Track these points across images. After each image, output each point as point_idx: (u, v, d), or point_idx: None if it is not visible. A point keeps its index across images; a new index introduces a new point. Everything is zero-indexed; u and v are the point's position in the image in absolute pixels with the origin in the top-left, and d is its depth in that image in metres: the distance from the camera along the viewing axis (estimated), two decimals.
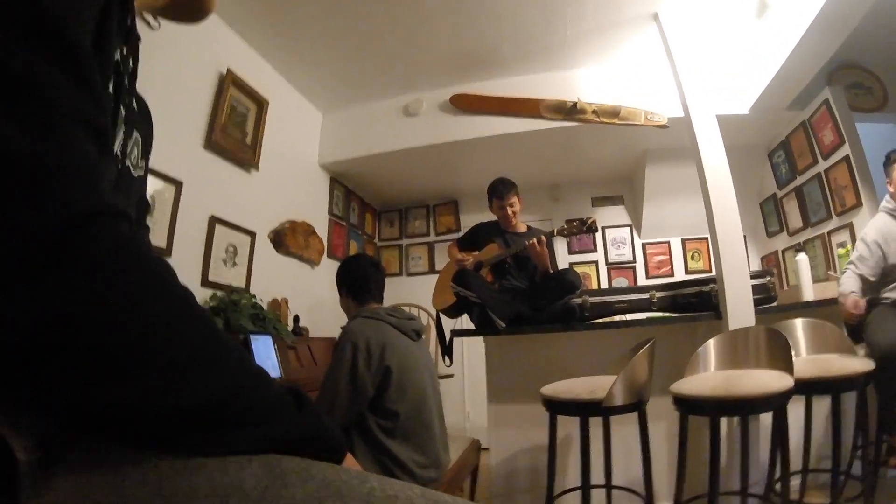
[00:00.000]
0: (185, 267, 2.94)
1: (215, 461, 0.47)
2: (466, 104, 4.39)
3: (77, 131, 0.41)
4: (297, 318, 3.74)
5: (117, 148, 0.64)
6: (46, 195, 0.37)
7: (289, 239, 3.99)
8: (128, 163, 0.72)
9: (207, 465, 0.46)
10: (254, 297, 3.27)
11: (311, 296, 4.28)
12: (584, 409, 2.02)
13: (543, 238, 2.91)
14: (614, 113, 4.08)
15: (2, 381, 0.38)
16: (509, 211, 3.25)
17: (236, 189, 3.53)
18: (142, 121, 0.78)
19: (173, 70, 2.96)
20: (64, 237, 0.37)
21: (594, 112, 4.10)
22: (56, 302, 0.37)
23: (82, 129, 0.41)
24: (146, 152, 0.80)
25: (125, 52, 0.62)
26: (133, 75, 0.67)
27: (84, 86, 0.42)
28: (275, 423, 0.53)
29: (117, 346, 0.40)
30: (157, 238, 2.78)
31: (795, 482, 2.38)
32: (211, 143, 3.26)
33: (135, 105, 0.72)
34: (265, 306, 3.41)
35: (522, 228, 3.32)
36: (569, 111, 4.13)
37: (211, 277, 3.17)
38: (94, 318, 0.39)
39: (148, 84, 0.90)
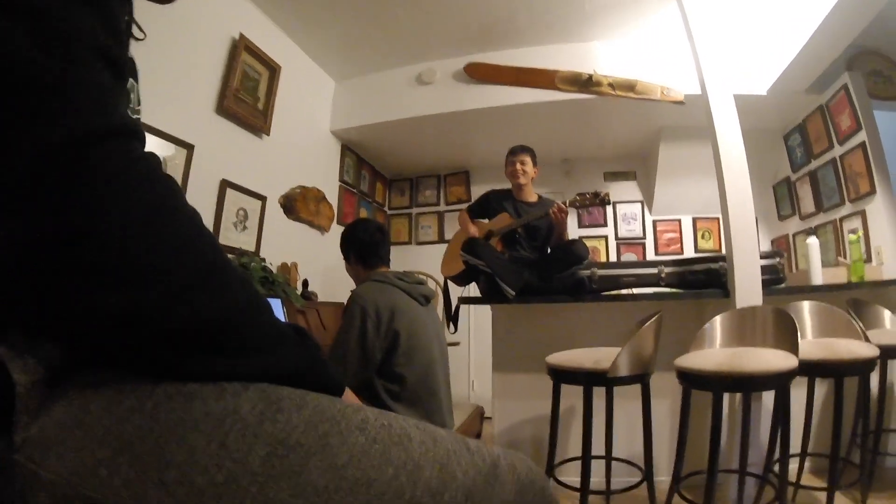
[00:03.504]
0: None
1: (211, 388, 0.47)
2: (481, 74, 4.35)
3: (95, 59, 0.43)
4: (305, 283, 3.77)
5: None
6: (64, 113, 0.39)
7: (299, 205, 4.00)
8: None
9: (203, 391, 0.47)
10: (263, 260, 3.29)
11: (320, 262, 4.30)
12: (589, 379, 2.03)
13: (566, 206, 2.90)
14: (630, 87, 4.04)
15: (9, 288, 0.40)
16: (518, 167, 3.24)
17: (248, 154, 3.53)
18: (132, 69, 0.80)
19: (186, 34, 2.95)
20: (79, 152, 0.39)
21: (610, 85, 4.06)
22: (68, 213, 0.38)
23: (100, 58, 0.43)
24: (139, 98, 0.82)
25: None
26: (129, 27, 0.68)
27: (105, 19, 0.45)
28: (274, 354, 0.53)
29: (124, 259, 0.41)
30: None
31: (794, 465, 2.40)
32: (223, 108, 3.25)
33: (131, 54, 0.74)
34: (275, 270, 3.44)
35: (534, 198, 3.30)
36: (584, 83, 4.09)
37: (221, 241, 3.19)
38: (104, 231, 0.40)
39: (160, 49, 0.91)
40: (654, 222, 5.38)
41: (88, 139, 0.40)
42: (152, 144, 2.64)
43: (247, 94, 3.47)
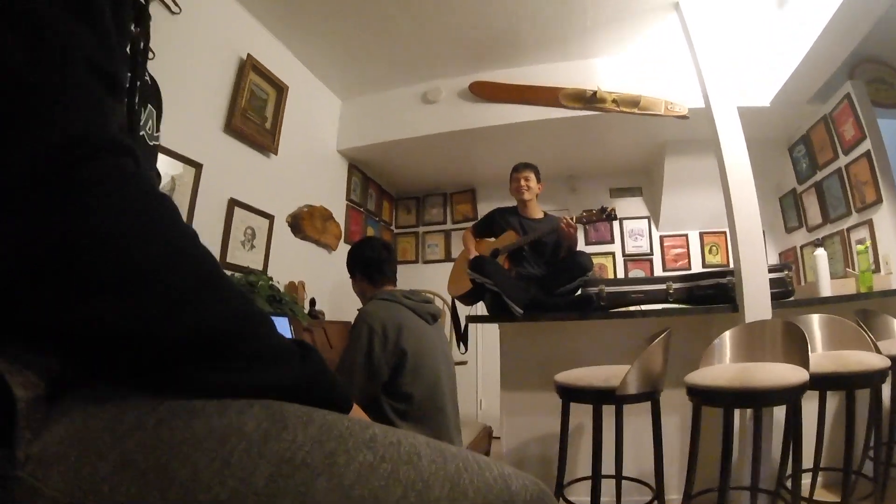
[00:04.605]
0: None
1: (215, 404, 0.47)
2: (485, 92, 4.38)
3: (87, 73, 0.43)
4: (313, 302, 3.78)
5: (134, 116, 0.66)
6: (54, 124, 0.39)
7: (306, 223, 4.02)
8: (143, 133, 0.74)
9: (206, 408, 0.46)
10: (271, 279, 3.30)
11: (327, 280, 4.31)
12: (598, 397, 2.01)
13: (574, 220, 2.91)
14: (634, 102, 4.05)
15: (6, 301, 0.39)
16: (522, 183, 3.26)
17: (255, 173, 3.56)
18: (153, 96, 0.81)
19: (194, 55, 3.00)
20: (69, 164, 0.39)
21: (614, 101, 4.08)
22: (59, 225, 0.38)
23: (93, 73, 0.43)
24: (158, 125, 0.83)
25: (138, 30, 0.64)
26: (145, 52, 0.69)
27: (98, 35, 0.45)
28: (276, 368, 0.53)
29: (117, 271, 0.41)
30: None
31: (806, 480, 2.37)
32: (231, 128, 3.29)
33: (148, 80, 0.75)
34: (282, 289, 3.44)
35: (539, 214, 3.31)
36: (588, 100, 4.11)
37: (229, 259, 3.21)
38: (96, 243, 0.40)
39: (169, 68, 0.93)
40: (661, 238, 5.37)
41: (78, 151, 0.40)
42: (160, 163, 2.66)
43: (254, 114, 3.50)
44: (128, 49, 0.60)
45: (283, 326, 2.88)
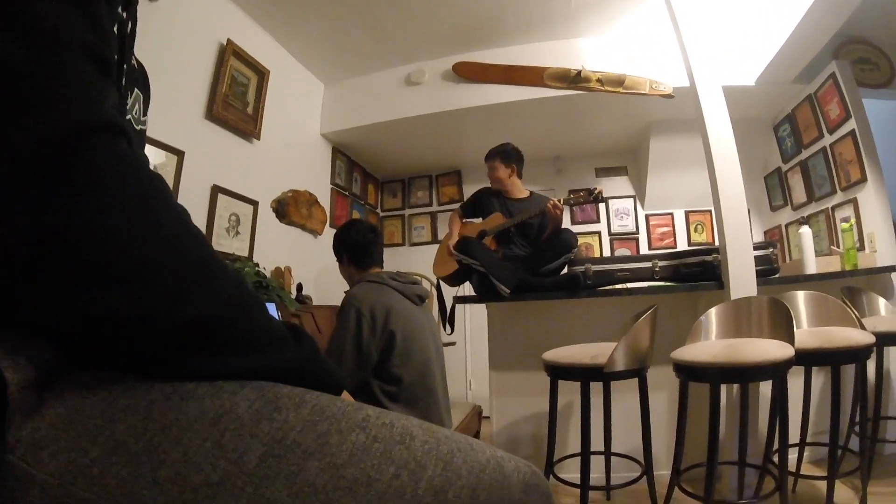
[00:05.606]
0: None
1: (207, 387, 0.47)
2: (469, 73, 4.34)
3: (79, 55, 0.42)
4: (300, 287, 3.76)
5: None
6: (49, 107, 0.38)
7: (291, 209, 3.99)
8: (129, 117, 0.73)
9: (199, 390, 0.46)
10: (257, 265, 3.28)
11: (314, 265, 4.30)
12: (586, 374, 2.02)
13: (560, 202, 2.91)
14: (619, 82, 4.04)
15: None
16: (491, 175, 3.30)
17: (238, 159, 3.52)
18: (141, 80, 0.79)
19: (173, 41, 2.95)
20: (64, 147, 0.38)
21: (598, 81, 4.06)
22: (54, 212, 0.38)
23: (85, 55, 0.43)
24: (146, 110, 0.82)
25: (125, 15, 0.63)
26: (132, 36, 0.68)
27: (89, 18, 0.44)
28: (270, 352, 0.53)
29: (114, 258, 0.41)
30: None
31: (793, 455, 2.41)
32: (213, 114, 3.24)
33: (135, 64, 0.74)
34: (268, 275, 3.42)
35: (524, 194, 3.30)
36: (573, 80, 4.09)
37: (214, 247, 3.15)
38: (92, 229, 0.40)
39: (148, 55, 0.91)
40: (647, 217, 5.38)
41: (74, 133, 0.39)
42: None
43: (236, 100, 3.46)
44: (115, 31, 0.58)
45: (271, 313, 2.87)
